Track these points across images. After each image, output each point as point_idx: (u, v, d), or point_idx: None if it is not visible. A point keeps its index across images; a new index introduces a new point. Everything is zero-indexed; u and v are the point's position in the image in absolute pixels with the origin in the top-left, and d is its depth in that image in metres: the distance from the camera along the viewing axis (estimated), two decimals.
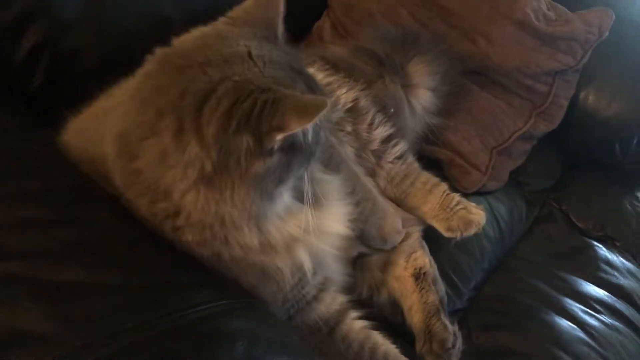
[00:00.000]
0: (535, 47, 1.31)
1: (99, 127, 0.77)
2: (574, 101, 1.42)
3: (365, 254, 1.03)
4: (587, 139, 1.48)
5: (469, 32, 1.32)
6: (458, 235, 1.07)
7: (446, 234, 1.08)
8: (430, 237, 1.10)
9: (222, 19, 0.76)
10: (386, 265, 1.05)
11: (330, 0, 1.42)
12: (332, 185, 0.87)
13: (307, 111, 0.62)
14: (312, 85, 0.72)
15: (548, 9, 1.35)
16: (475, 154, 1.28)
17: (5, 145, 0.79)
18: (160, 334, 0.61)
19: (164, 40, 0.75)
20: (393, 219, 1.03)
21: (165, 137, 0.65)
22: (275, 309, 0.81)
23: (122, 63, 0.80)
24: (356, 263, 1.03)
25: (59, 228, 0.68)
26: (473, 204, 1.10)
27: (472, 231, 1.07)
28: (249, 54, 0.67)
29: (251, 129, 0.62)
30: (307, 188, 0.75)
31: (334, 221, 0.84)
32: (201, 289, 0.71)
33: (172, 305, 0.65)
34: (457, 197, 1.09)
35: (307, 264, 0.80)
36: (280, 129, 0.62)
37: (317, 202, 0.79)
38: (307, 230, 0.77)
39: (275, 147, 0.64)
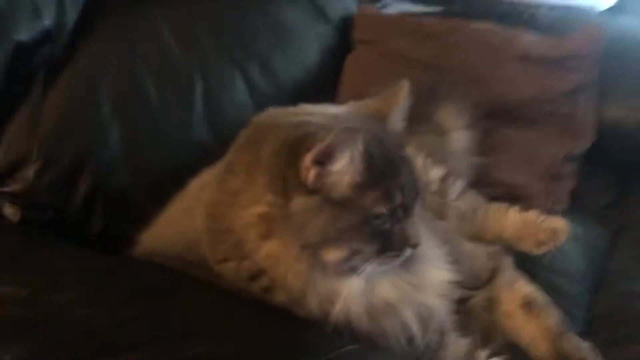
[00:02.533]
0: (544, 73, 1.36)
1: (181, 222, 0.78)
2: (600, 117, 1.43)
3: (466, 298, 0.97)
4: (627, 147, 1.48)
5: (479, 80, 1.37)
6: (551, 246, 1.03)
7: (538, 251, 1.04)
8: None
9: None
10: (490, 305, 0.98)
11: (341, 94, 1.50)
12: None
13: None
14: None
15: (540, 40, 1.41)
16: (529, 184, 1.27)
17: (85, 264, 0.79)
18: None
19: (203, 165, 0.83)
20: (480, 255, 0.99)
21: (253, 192, 0.67)
22: None
23: (168, 191, 0.87)
24: (459, 311, 0.96)
25: (161, 320, 0.66)
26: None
27: (562, 238, 1.03)
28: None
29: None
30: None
31: (436, 269, 0.80)
32: (324, 338, 0.67)
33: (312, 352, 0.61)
34: (534, 212, 1.07)
35: (415, 326, 0.74)
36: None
37: (412, 258, 0.75)
38: (409, 290, 0.74)
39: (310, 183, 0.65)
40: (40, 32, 1.04)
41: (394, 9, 1.77)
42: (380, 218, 0.68)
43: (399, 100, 0.79)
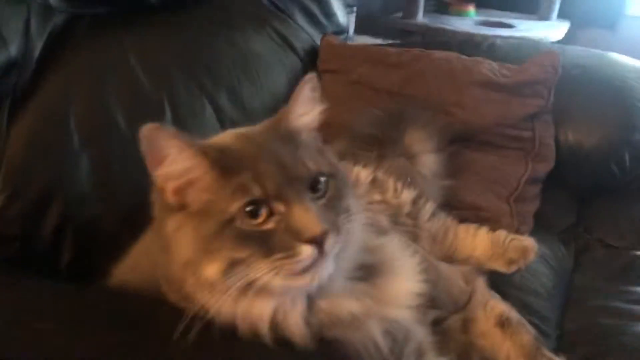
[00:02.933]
0: (505, 99, 1.41)
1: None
2: (557, 142, 1.49)
3: (441, 318, 0.98)
4: (584, 171, 1.53)
5: (442, 106, 1.41)
6: (521, 265, 1.06)
7: (508, 269, 1.06)
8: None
9: None
10: (466, 325, 0.99)
11: None
12: (391, 244, 0.84)
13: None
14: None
15: (500, 68, 1.47)
16: (495, 206, 1.30)
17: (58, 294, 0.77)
18: None
19: None
20: (457, 278, 1.00)
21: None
22: None
23: (140, 222, 0.82)
24: (435, 332, 0.97)
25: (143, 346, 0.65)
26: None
27: (531, 257, 1.07)
28: None
29: None
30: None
31: (405, 280, 0.78)
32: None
33: None
34: (502, 232, 1.09)
35: (381, 340, 0.71)
36: None
37: (380, 269, 0.75)
38: (370, 304, 0.71)
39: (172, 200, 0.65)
40: (5, 61, 1.03)
41: (355, 42, 1.83)
42: (240, 217, 0.60)
43: (297, 95, 0.71)
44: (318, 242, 0.60)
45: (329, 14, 1.79)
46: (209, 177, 0.63)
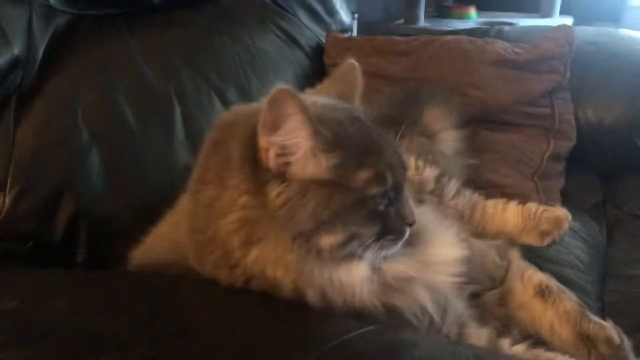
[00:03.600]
0: (520, 76, 1.38)
1: (173, 235, 0.74)
2: (578, 121, 1.45)
3: (477, 293, 0.93)
4: (607, 148, 1.49)
5: (457, 88, 1.38)
6: (555, 236, 1.01)
7: (543, 242, 1.02)
8: None
9: None
10: (504, 298, 0.94)
11: None
12: (424, 216, 0.81)
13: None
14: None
15: (513, 47, 1.44)
16: (520, 185, 1.26)
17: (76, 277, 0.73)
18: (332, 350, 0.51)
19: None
20: (491, 253, 0.96)
21: (227, 198, 0.63)
22: None
23: (152, 215, 0.84)
24: (472, 306, 0.92)
25: (166, 318, 0.61)
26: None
27: (565, 227, 1.02)
28: None
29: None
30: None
31: (446, 247, 0.77)
32: (334, 323, 0.62)
33: (327, 333, 0.56)
34: (533, 204, 1.05)
35: (430, 305, 0.71)
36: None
37: (418, 238, 0.74)
38: (418, 268, 0.71)
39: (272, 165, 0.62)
40: (9, 61, 1.01)
41: None
42: (374, 199, 0.65)
43: (357, 81, 0.77)
44: (412, 225, 0.69)
45: (332, 11, 1.77)
46: (331, 149, 0.63)
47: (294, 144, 0.61)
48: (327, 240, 0.63)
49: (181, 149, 1.15)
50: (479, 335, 0.80)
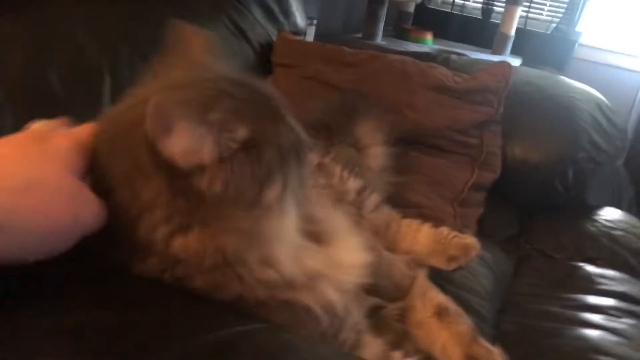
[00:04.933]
0: (456, 105, 1.41)
1: None
2: (504, 155, 1.50)
3: (378, 306, 0.94)
4: (528, 186, 1.54)
5: (394, 106, 1.40)
6: (462, 262, 1.03)
7: (449, 266, 1.03)
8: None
9: None
10: (402, 314, 0.96)
11: None
12: (337, 218, 0.82)
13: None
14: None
15: (453, 75, 1.48)
16: (439, 208, 1.28)
17: None
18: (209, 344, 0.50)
19: None
20: (399, 264, 0.97)
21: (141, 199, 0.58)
22: None
23: None
24: (370, 317, 0.93)
25: None
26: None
27: (472, 255, 1.04)
28: None
29: None
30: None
31: (354, 250, 0.76)
32: (229, 314, 0.61)
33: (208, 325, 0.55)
34: (445, 228, 1.07)
35: (337, 301, 0.70)
36: None
37: (327, 238, 0.73)
38: (328, 264, 0.70)
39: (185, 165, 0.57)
40: None
41: None
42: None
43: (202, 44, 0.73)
44: None
45: (287, 12, 1.77)
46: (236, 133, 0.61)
47: (195, 144, 0.56)
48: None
49: None
50: (373, 344, 0.80)
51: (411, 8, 3.32)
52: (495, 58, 2.97)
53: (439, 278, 1.06)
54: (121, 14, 1.27)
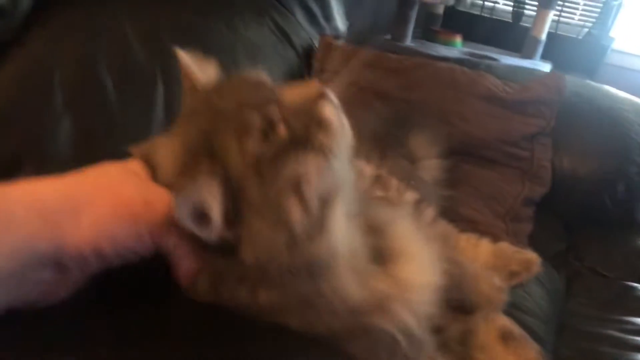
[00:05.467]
0: (507, 116, 1.37)
1: None
2: (553, 168, 1.46)
3: (440, 328, 0.91)
4: (576, 199, 1.50)
5: (443, 116, 1.37)
6: (523, 278, 1.00)
7: (510, 282, 1.00)
8: None
9: None
10: (465, 337, 0.92)
11: None
12: (408, 228, 0.77)
13: None
14: None
15: (503, 85, 1.44)
16: (490, 223, 1.25)
17: None
18: None
19: None
20: (485, 274, 0.94)
21: None
22: None
23: None
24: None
25: None
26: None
27: (534, 271, 1.01)
28: None
29: None
30: None
31: (423, 269, 0.70)
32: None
33: None
34: (505, 243, 1.04)
35: (412, 322, 0.65)
36: None
37: (392, 255, 0.69)
38: (398, 284, 0.65)
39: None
40: None
41: None
42: None
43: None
44: None
45: (329, 17, 1.75)
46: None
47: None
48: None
49: (158, 126, 1.10)
50: None
51: (440, 10, 3.27)
52: (525, 62, 2.94)
53: None
54: (170, 16, 1.26)
